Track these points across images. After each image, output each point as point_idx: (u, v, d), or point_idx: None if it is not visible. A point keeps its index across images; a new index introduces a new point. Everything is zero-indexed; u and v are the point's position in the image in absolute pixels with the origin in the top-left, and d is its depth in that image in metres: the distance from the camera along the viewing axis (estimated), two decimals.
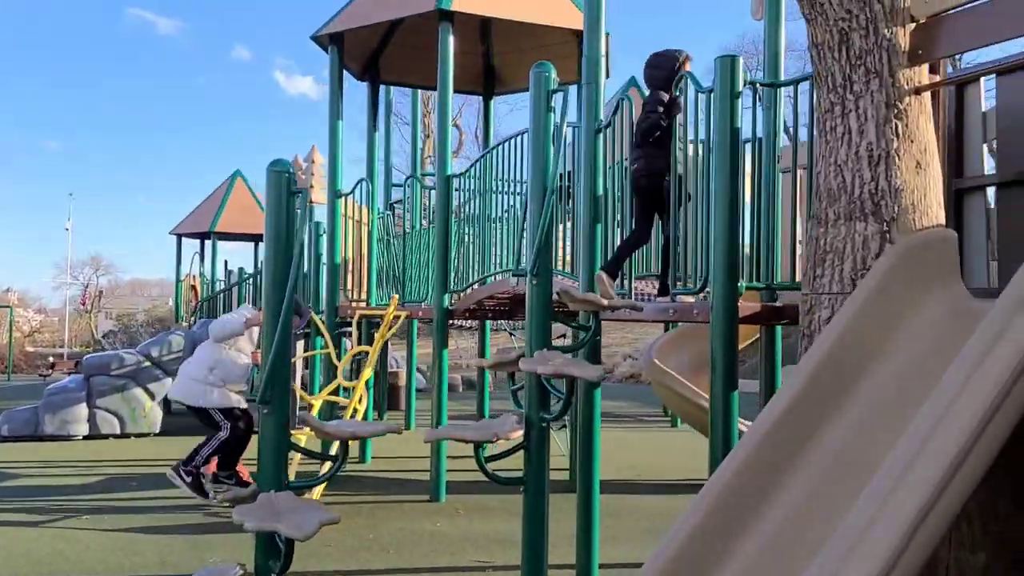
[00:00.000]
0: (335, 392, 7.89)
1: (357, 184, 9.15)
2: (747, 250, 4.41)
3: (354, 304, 9.21)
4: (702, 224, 4.28)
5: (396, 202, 10.96)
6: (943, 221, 3.24)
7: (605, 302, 4.43)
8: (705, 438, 8.39)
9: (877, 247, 3.17)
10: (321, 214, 11.26)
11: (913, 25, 3.25)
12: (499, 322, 11.24)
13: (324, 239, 12.34)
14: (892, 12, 3.21)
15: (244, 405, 6.33)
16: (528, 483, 4.50)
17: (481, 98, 10.58)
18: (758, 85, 4.26)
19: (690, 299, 4.47)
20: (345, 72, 9.36)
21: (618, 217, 5.23)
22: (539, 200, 4.51)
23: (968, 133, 3.71)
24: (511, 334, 11.27)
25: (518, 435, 4.35)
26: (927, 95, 3.30)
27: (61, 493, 7.85)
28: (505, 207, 7.26)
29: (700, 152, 4.39)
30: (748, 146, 4.45)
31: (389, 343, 14.48)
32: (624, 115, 5.08)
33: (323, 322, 8.73)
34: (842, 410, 2.78)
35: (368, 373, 7.49)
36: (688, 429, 10.44)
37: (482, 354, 10.55)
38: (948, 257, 3.02)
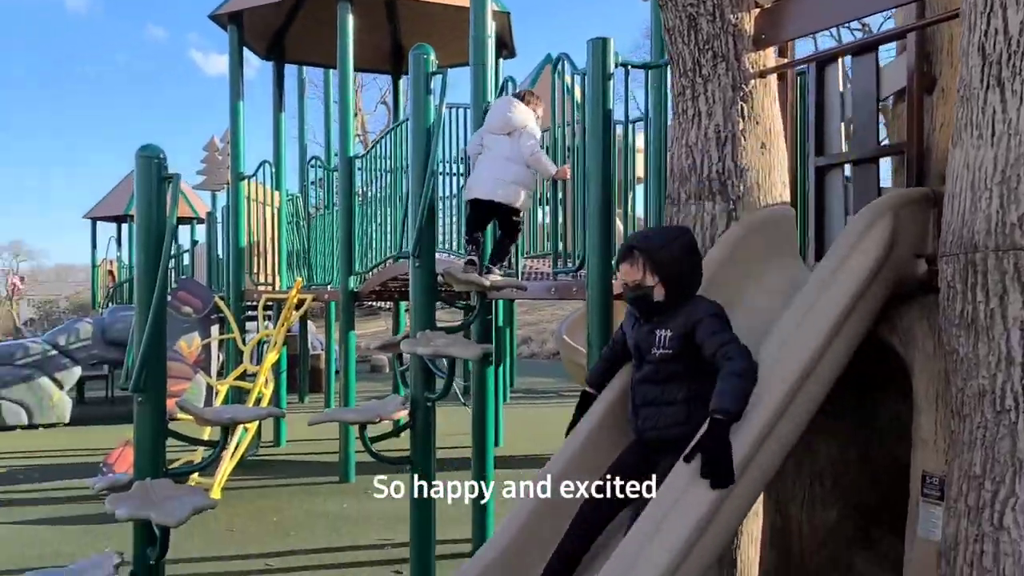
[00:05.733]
0: (242, 377, 7.83)
1: (260, 166, 8.95)
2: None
3: (260, 288, 9.08)
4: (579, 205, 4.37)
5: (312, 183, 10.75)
6: (787, 199, 3.37)
7: (487, 282, 4.45)
8: None
9: (724, 226, 3.28)
10: None
11: (757, 11, 3.37)
12: None
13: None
14: None
15: None
16: (414, 462, 4.57)
17: (390, 77, 10.51)
18: (629, 67, 4.34)
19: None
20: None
21: None
22: (420, 182, 4.54)
23: (828, 113, 3.84)
24: None
25: (402, 415, 4.41)
26: (773, 78, 3.43)
27: None
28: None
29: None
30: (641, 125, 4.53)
31: (313, 325, 14.38)
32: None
33: (228, 306, 8.62)
34: None
35: (273, 357, 7.45)
36: None
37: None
38: (786, 232, 3.17)
